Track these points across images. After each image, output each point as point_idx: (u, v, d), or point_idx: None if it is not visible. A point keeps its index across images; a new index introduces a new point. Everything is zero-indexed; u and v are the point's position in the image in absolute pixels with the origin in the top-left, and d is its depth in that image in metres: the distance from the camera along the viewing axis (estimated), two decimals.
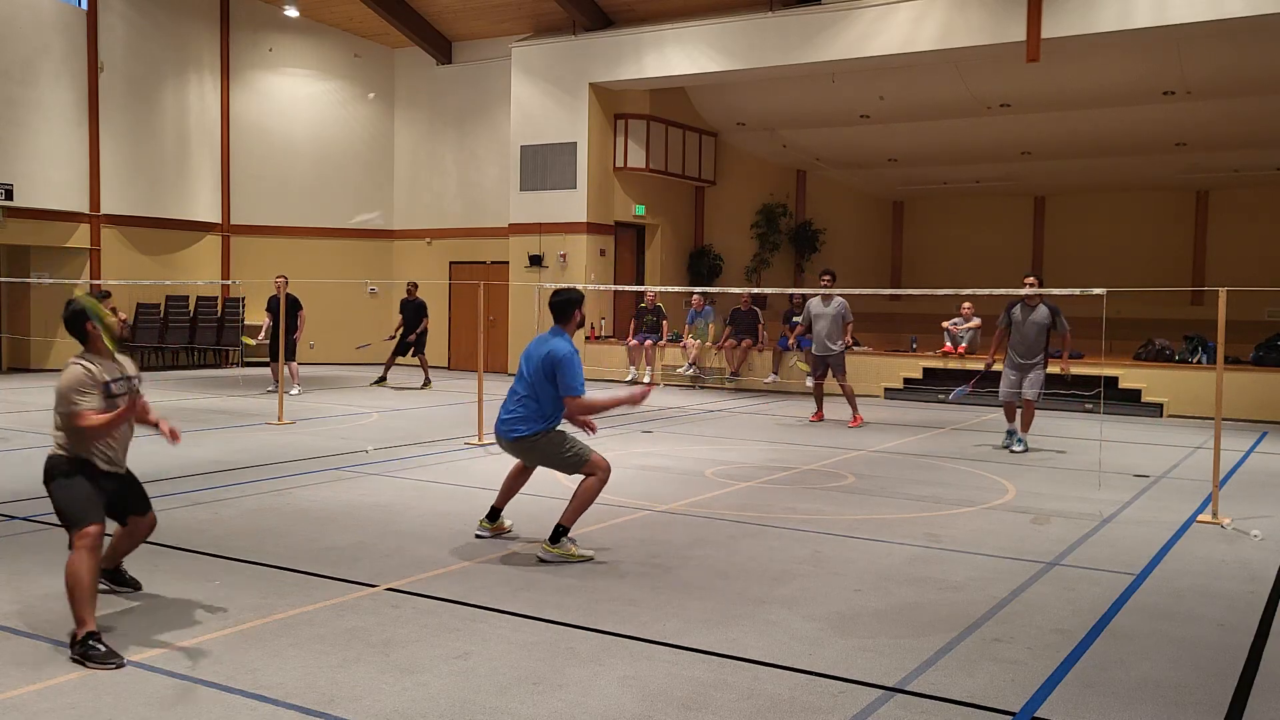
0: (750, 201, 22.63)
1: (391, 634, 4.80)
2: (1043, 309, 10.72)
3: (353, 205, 21.98)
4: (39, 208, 17.97)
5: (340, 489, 8.28)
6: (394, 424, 12.41)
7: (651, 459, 10.12)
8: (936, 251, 26.52)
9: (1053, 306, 10.77)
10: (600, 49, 18.68)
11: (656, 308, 18.32)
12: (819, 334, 12.80)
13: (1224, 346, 7.93)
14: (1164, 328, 17.33)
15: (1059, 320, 10.68)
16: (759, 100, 19.53)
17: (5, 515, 7.13)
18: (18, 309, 18.81)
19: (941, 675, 4.41)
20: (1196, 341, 15.23)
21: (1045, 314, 10.70)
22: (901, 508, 7.98)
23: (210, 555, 6.13)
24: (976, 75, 17.25)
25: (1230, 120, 18.38)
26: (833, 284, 12.76)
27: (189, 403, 14.21)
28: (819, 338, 12.81)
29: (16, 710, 3.89)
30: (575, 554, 6.15)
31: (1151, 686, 4.33)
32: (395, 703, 4.02)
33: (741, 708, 4.04)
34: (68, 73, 18.35)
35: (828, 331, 12.71)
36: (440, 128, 21.74)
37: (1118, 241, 24.33)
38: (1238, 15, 13.64)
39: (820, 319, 12.76)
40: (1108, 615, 5.29)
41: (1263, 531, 7.16)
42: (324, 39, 21.59)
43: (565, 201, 19.06)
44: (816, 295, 12.89)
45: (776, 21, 16.97)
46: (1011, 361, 10.87)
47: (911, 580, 5.87)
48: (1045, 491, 8.67)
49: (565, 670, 4.39)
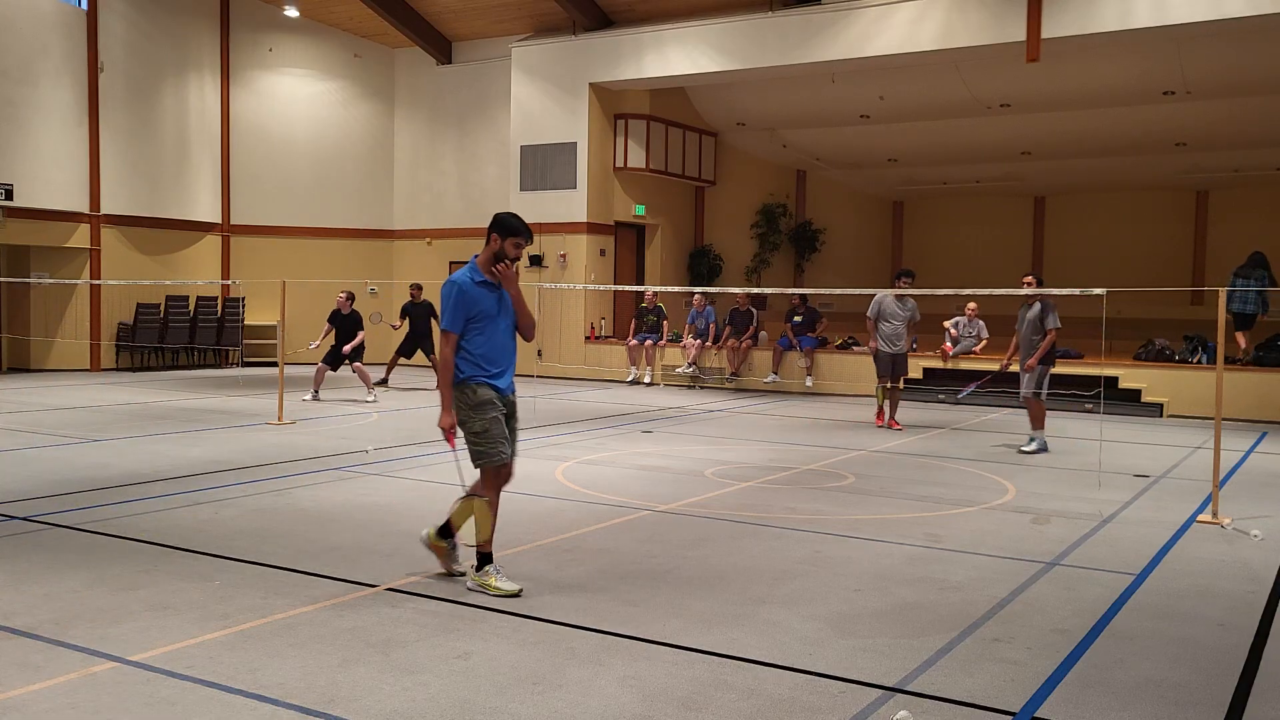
0: (750, 201, 22.63)
1: (391, 634, 4.80)
2: (1037, 306, 10.84)
3: (353, 205, 21.98)
4: (39, 208, 17.98)
5: (340, 489, 8.28)
6: (394, 424, 12.41)
7: (651, 459, 10.12)
8: (936, 251, 26.51)
9: (1045, 303, 10.85)
10: (600, 49, 18.68)
11: (657, 308, 18.32)
12: (890, 334, 12.58)
13: (1224, 346, 7.93)
14: (1164, 328, 17.32)
15: (1048, 317, 10.77)
16: (759, 100, 19.53)
17: (5, 515, 7.13)
18: (18, 309, 18.81)
19: (941, 675, 4.40)
20: (1196, 341, 15.22)
21: (1038, 310, 10.82)
22: (901, 508, 7.98)
23: (210, 555, 6.13)
24: (976, 75, 17.24)
25: (1230, 120, 18.38)
26: (912, 284, 12.53)
27: (189, 403, 14.21)
28: (888, 337, 12.60)
29: (16, 710, 3.89)
30: (493, 586, 5.40)
31: (1151, 686, 4.33)
32: (395, 703, 4.01)
33: (741, 708, 4.04)
34: (68, 73, 18.35)
35: (900, 332, 12.52)
36: (440, 128, 21.75)
37: (1118, 241, 24.34)
38: (1238, 15, 13.65)
39: (894, 319, 12.50)
40: (1108, 615, 5.28)
41: (1263, 531, 7.15)
42: (324, 39, 21.59)
43: (565, 201, 19.07)
44: (890, 293, 12.63)
45: (776, 21, 16.97)
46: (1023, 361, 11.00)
47: (911, 580, 5.86)
48: (1045, 491, 8.66)
49: (565, 670, 4.38)
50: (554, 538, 6.72)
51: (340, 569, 5.90)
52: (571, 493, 8.30)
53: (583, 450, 10.59)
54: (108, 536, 6.57)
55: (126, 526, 6.78)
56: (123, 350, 19.54)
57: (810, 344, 16.98)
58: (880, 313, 12.51)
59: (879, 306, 12.53)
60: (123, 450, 9.93)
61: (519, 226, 5.59)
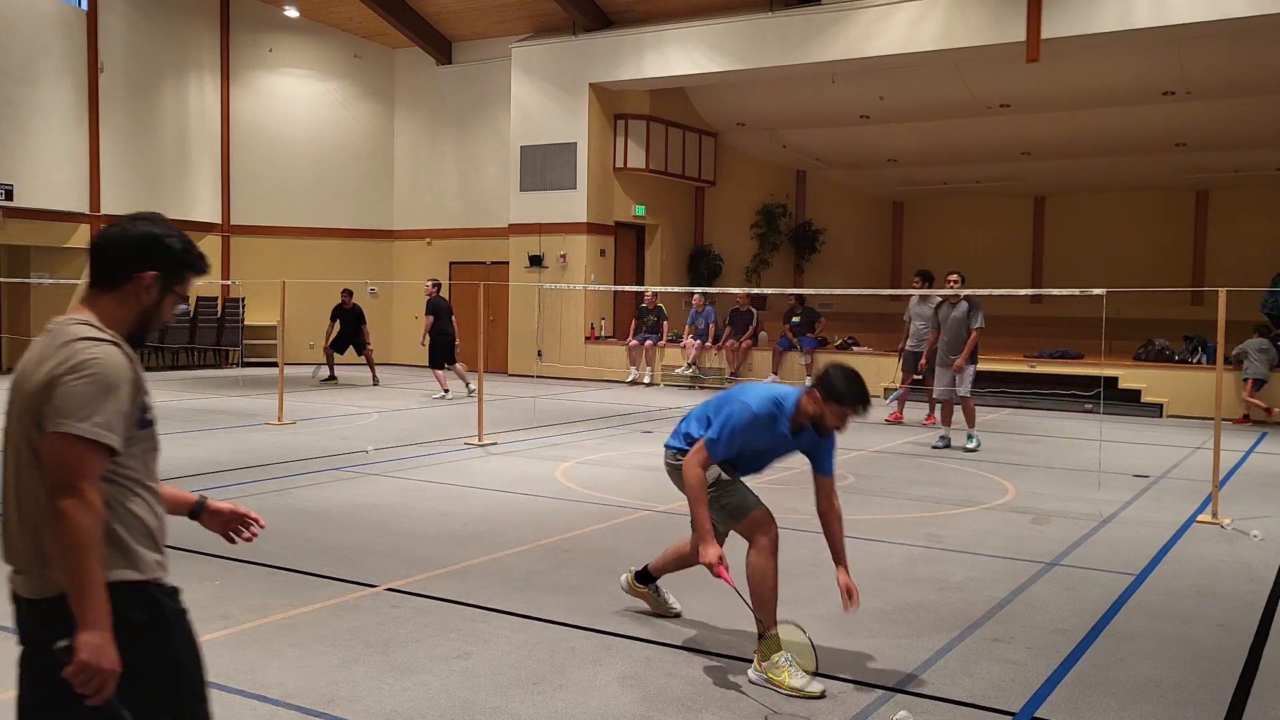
0: (750, 201, 22.63)
1: (391, 634, 4.80)
2: (963, 305, 10.98)
3: (353, 205, 21.98)
4: (39, 208, 17.97)
5: (340, 489, 8.28)
6: (394, 424, 12.41)
7: (651, 459, 10.10)
8: (936, 252, 26.46)
9: (973, 303, 11.00)
10: (600, 49, 18.68)
11: (657, 308, 18.32)
12: (915, 333, 12.61)
13: (1224, 346, 7.93)
14: (1164, 328, 17.31)
15: (975, 316, 10.90)
16: (759, 100, 19.53)
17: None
18: (18, 309, 18.81)
19: (941, 675, 4.40)
20: (1196, 341, 15.22)
21: (964, 309, 10.96)
22: (901, 508, 7.98)
23: (210, 555, 6.13)
24: (976, 75, 17.24)
25: (1230, 120, 18.37)
26: (926, 285, 12.43)
27: (189, 403, 14.21)
28: (914, 335, 12.65)
29: None
30: (786, 684, 4.22)
31: (1151, 686, 4.33)
32: (395, 703, 4.01)
33: (741, 708, 4.04)
34: (68, 73, 18.35)
35: (923, 333, 12.39)
36: (440, 128, 21.74)
37: (1118, 241, 24.33)
38: (1238, 15, 13.64)
39: (920, 319, 12.48)
40: (1108, 615, 5.28)
41: (1263, 531, 7.15)
42: (324, 39, 21.59)
43: (565, 202, 19.06)
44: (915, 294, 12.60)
45: (776, 21, 16.97)
46: (940, 359, 11.15)
47: (911, 580, 5.87)
48: (1045, 491, 8.66)
49: (565, 670, 4.38)
50: (554, 538, 6.72)
51: (340, 569, 5.90)
52: (571, 493, 8.30)
53: (583, 450, 10.59)
54: None
55: None
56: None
57: (810, 344, 16.98)
58: (910, 314, 12.90)
59: (909, 309, 12.97)
60: None
61: (856, 397, 4.25)
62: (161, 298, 2.49)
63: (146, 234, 2.48)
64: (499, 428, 11.79)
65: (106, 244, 2.47)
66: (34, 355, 2.37)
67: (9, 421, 2.37)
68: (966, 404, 11.05)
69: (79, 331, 2.34)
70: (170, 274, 2.49)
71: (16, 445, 2.37)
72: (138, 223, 2.51)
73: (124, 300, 2.45)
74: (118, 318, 2.43)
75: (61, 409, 2.25)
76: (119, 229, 2.47)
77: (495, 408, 13.36)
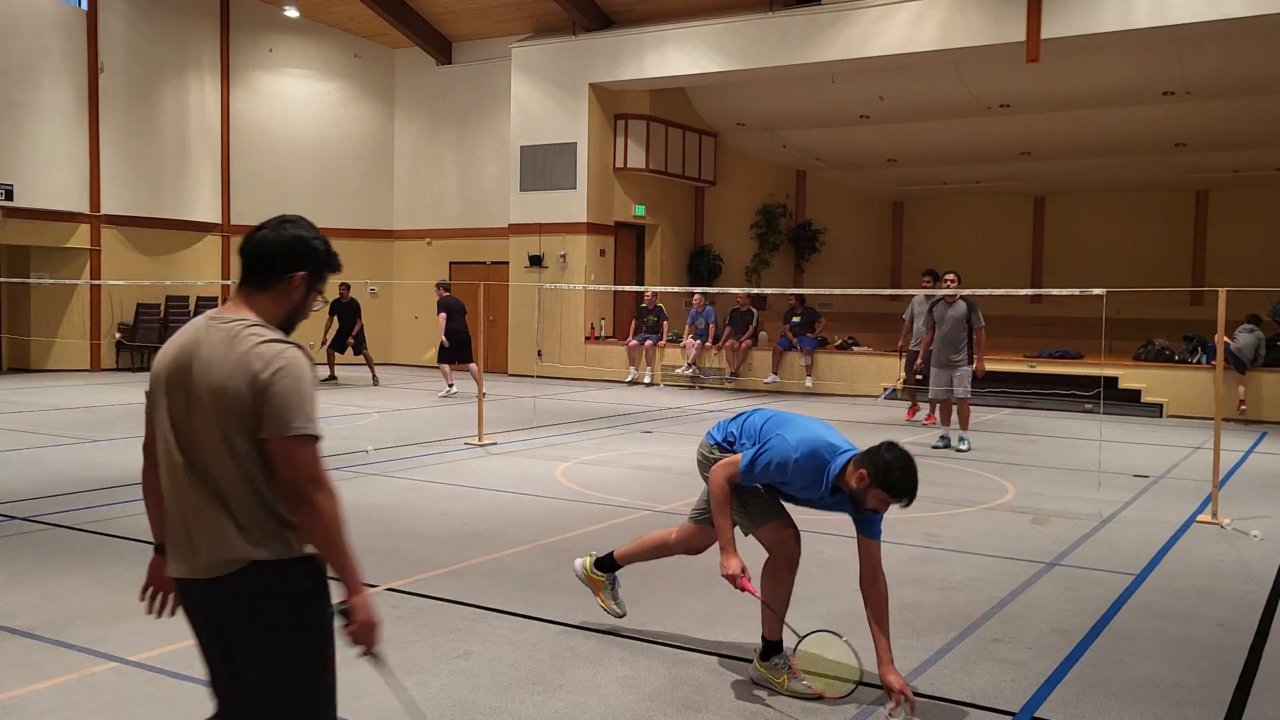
0: (750, 202, 22.63)
1: (391, 634, 4.79)
2: (960, 305, 10.90)
3: (353, 205, 21.96)
4: (39, 208, 17.97)
5: (340, 489, 8.27)
6: (394, 424, 12.41)
7: (651, 459, 10.11)
8: (936, 251, 26.47)
9: (970, 302, 10.95)
10: (600, 49, 18.68)
11: (657, 308, 18.32)
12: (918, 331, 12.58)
13: (1223, 346, 7.93)
14: (1164, 328, 17.32)
15: (975, 315, 10.86)
16: (759, 100, 19.53)
17: (5, 515, 7.13)
18: (18, 309, 18.80)
19: (941, 675, 4.40)
20: (1196, 341, 15.22)
21: (963, 309, 10.88)
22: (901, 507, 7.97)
23: None
24: (976, 75, 17.24)
25: (1230, 120, 18.38)
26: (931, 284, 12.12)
27: None
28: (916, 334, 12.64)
29: (17, 710, 3.89)
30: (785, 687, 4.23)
31: (1151, 686, 4.33)
32: (395, 703, 4.01)
33: (741, 708, 4.04)
34: (68, 73, 18.35)
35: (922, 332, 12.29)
36: (440, 128, 21.75)
37: (1118, 241, 24.34)
38: (1238, 15, 13.64)
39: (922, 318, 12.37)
40: (1108, 615, 5.28)
41: (1262, 531, 7.16)
42: (324, 39, 21.59)
43: (565, 202, 19.06)
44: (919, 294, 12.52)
45: (776, 21, 16.97)
46: (937, 360, 11.05)
47: (911, 580, 5.86)
48: (1045, 491, 8.66)
49: (565, 670, 4.38)
50: (554, 538, 6.72)
51: None
52: (571, 493, 8.30)
53: (583, 450, 10.59)
54: (108, 537, 6.57)
55: (127, 527, 6.77)
56: (123, 350, 19.54)
57: (810, 344, 16.99)
58: (913, 312, 12.91)
59: (911, 307, 12.94)
60: (123, 450, 9.92)
61: (906, 490, 4.00)
62: (307, 295, 2.72)
63: (296, 237, 2.70)
64: (499, 428, 11.79)
65: (259, 246, 2.68)
66: (211, 354, 2.53)
67: (180, 415, 2.57)
68: (963, 405, 11.01)
69: (262, 333, 2.57)
70: (315, 273, 2.71)
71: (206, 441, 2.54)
72: (285, 226, 2.73)
73: (276, 298, 2.66)
74: (271, 314, 2.65)
75: (284, 412, 2.50)
76: (269, 232, 2.67)
77: (495, 408, 13.36)
